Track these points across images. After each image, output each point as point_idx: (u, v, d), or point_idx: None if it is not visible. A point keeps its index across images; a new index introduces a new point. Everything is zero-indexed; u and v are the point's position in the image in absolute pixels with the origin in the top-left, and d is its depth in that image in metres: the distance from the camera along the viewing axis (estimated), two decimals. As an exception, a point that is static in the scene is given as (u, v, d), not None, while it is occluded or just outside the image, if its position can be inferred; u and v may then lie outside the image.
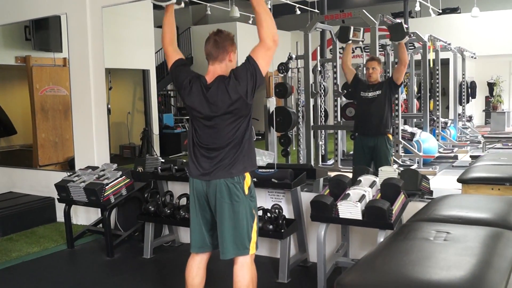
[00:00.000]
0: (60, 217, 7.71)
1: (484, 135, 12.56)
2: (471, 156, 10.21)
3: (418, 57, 11.97)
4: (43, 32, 9.81)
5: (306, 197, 5.53)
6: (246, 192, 4.00)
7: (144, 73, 12.10)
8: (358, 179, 4.95)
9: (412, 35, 10.18)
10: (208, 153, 3.99)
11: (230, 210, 3.94)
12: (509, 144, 11.28)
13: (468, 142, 12.85)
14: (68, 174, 6.85)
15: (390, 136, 6.92)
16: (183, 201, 6.02)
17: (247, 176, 4.03)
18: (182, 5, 4.39)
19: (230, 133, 3.93)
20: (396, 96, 8.32)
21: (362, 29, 7.26)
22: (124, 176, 6.49)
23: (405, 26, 6.77)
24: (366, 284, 2.58)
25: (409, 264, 2.65)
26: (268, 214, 5.37)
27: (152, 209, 6.14)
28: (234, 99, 3.83)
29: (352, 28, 7.07)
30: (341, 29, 7.22)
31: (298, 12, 14.54)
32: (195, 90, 3.95)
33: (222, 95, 3.85)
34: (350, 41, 7.05)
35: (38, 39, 9.80)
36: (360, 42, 7.51)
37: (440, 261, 2.65)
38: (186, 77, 4.04)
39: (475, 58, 14.28)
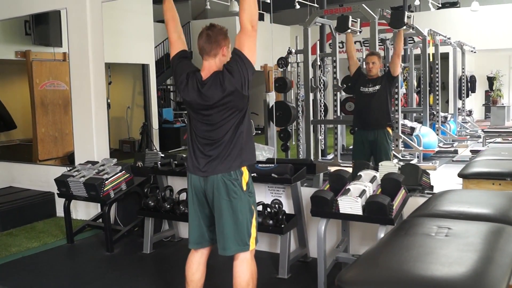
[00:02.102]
0: (59, 212, 7.70)
1: (484, 130, 12.56)
2: (471, 151, 10.20)
3: (417, 51, 11.96)
4: (43, 26, 9.80)
5: (306, 192, 5.52)
6: (244, 188, 3.98)
7: (144, 67, 12.10)
8: (358, 174, 4.94)
9: (413, 28, 10.16)
10: (205, 148, 3.98)
11: (228, 207, 3.92)
12: (510, 138, 11.28)
13: (468, 136, 12.85)
14: (68, 169, 6.84)
15: (390, 130, 6.93)
16: (183, 196, 6.01)
17: (245, 172, 4.01)
18: None
19: (226, 127, 3.91)
20: (396, 90, 8.32)
21: (358, 20, 7.27)
22: (123, 171, 6.49)
23: (407, 14, 6.72)
24: (367, 280, 2.57)
25: (411, 260, 2.64)
26: (268, 209, 5.36)
27: (152, 204, 6.13)
28: (228, 91, 3.81)
29: (350, 17, 7.07)
30: (339, 19, 7.22)
31: (298, 6, 14.48)
32: (191, 85, 3.94)
33: (217, 89, 3.84)
34: (349, 30, 7.04)
35: (38, 34, 9.79)
36: (358, 33, 7.50)
37: (442, 257, 2.65)
38: (184, 71, 4.02)
39: (474, 52, 14.26)
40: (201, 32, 3.97)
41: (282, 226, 5.25)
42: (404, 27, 6.64)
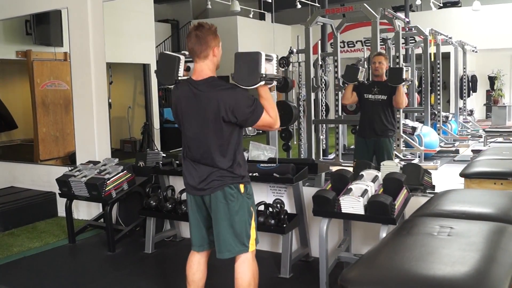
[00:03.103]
0: (61, 212, 7.71)
1: (485, 129, 12.53)
2: (472, 150, 10.19)
3: (419, 51, 11.96)
4: (44, 26, 9.79)
5: (308, 191, 5.52)
6: (242, 190, 3.97)
7: (145, 67, 12.07)
8: (360, 173, 4.94)
9: (413, 27, 10.17)
10: (199, 167, 3.96)
11: (225, 209, 3.91)
12: (511, 138, 11.26)
13: (469, 136, 12.83)
14: (69, 168, 6.84)
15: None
16: (185, 195, 6.01)
17: None
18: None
19: (219, 141, 3.87)
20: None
21: (365, 69, 7.21)
22: (125, 171, 6.49)
23: (405, 69, 6.69)
24: (370, 280, 2.57)
25: (413, 260, 2.64)
26: (270, 209, 5.36)
27: (154, 203, 6.13)
28: (221, 114, 3.78)
29: (360, 68, 7.01)
30: (348, 68, 7.16)
31: (299, 6, 14.48)
32: (181, 94, 3.94)
33: (212, 101, 3.79)
34: (357, 82, 6.99)
35: (39, 34, 9.77)
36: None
37: (444, 257, 2.65)
38: (173, 94, 4.05)
39: (476, 52, 14.24)
40: (189, 33, 3.90)
41: (284, 225, 5.25)
42: (403, 83, 6.62)
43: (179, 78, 4.04)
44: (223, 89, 3.79)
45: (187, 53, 4.17)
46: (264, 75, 3.74)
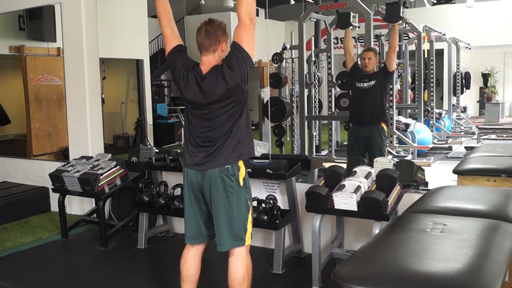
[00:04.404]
0: (54, 207, 7.69)
1: (479, 126, 12.59)
2: (465, 147, 10.23)
3: (412, 47, 11.99)
4: (37, 21, 9.76)
5: (301, 187, 5.53)
6: (241, 183, 3.98)
7: (138, 62, 12.08)
8: (353, 170, 4.94)
9: (407, 24, 10.18)
10: (203, 143, 3.96)
11: (225, 202, 3.92)
12: (504, 135, 11.30)
13: (463, 133, 12.88)
14: (62, 164, 6.84)
15: (385, 127, 6.95)
16: (178, 191, 6.02)
17: (242, 167, 4.01)
18: None
19: (226, 122, 3.90)
20: (391, 86, 8.32)
21: (357, 15, 7.27)
22: (118, 166, 6.48)
23: (402, 10, 6.72)
24: (363, 276, 2.57)
25: (407, 256, 2.64)
26: (263, 205, 5.36)
27: (147, 199, 6.13)
28: (230, 86, 3.80)
29: (351, 13, 7.05)
30: (340, 15, 7.19)
31: (292, 2, 14.52)
32: (191, 80, 3.92)
33: (218, 84, 3.82)
34: (351, 27, 7.02)
35: (32, 29, 9.75)
36: (357, 28, 7.50)
37: (438, 253, 2.65)
38: (183, 66, 4.00)
39: (469, 48, 14.29)
40: (200, 28, 3.94)
41: (277, 221, 5.25)
42: (400, 21, 6.62)
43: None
44: (224, 72, 3.84)
45: None
46: None
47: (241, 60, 3.82)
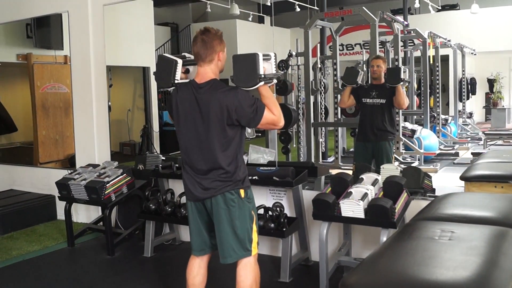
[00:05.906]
0: (60, 215, 7.70)
1: (485, 132, 12.54)
2: (472, 153, 10.19)
3: (418, 53, 11.97)
4: (45, 29, 9.80)
5: (307, 195, 5.52)
6: (243, 195, 3.96)
7: (144, 70, 12.07)
8: (360, 177, 4.93)
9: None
10: (200, 175, 3.96)
11: (227, 215, 3.90)
12: (511, 140, 11.26)
13: (469, 139, 12.82)
14: (69, 171, 6.85)
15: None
16: (184, 199, 6.01)
17: None
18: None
19: (221, 143, 3.86)
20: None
21: (363, 73, 7.20)
22: (125, 174, 6.48)
23: (402, 69, 6.70)
24: (371, 285, 2.56)
25: (415, 265, 2.63)
26: (270, 213, 5.35)
27: (153, 207, 6.14)
28: (227, 111, 3.78)
29: (360, 71, 7.01)
30: (348, 70, 7.15)
31: (298, 9, 14.49)
32: (184, 95, 3.94)
33: (215, 96, 3.79)
34: (356, 85, 6.98)
35: (39, 37, 9.80)
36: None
37: (446, 261, 2.63)
38: (173, 96, 4.06)
39: (474, 54, 14.25)
40: (195, 37, 3.92)
41: (284, 229, 5.24)
42: (401, 83, 6.62)
43: (176, 81, 4.03)
44: (225, 91, 3.80)
45: (187, 55, 4.18)
46: (262, 76, 3.75)
47: (250, 115, 3.83)
